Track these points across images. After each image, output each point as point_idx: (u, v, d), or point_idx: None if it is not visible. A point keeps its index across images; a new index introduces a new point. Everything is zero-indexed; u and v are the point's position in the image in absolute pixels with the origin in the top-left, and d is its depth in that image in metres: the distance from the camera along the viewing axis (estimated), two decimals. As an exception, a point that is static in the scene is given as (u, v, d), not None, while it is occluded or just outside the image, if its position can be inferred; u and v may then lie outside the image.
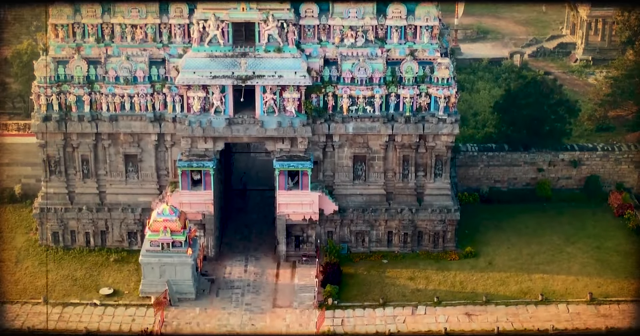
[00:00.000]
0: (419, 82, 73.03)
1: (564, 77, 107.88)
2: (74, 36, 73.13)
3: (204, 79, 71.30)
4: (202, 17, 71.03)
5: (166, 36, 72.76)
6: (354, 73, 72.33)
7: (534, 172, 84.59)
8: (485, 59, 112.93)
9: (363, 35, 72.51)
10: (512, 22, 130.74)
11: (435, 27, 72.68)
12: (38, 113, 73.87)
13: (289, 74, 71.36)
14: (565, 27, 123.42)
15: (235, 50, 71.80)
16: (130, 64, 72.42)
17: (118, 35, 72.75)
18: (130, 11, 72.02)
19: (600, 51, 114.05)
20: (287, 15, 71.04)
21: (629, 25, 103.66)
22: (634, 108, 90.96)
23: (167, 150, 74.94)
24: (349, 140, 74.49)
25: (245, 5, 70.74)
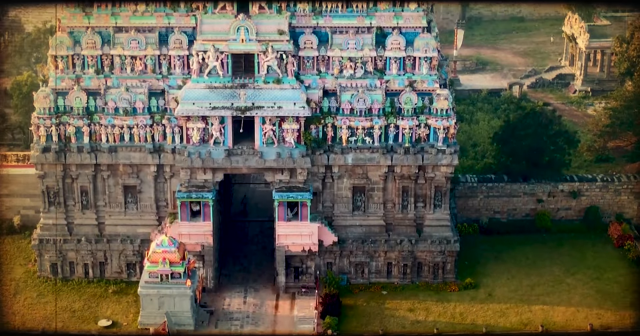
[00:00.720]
0: (418, 113, 73.11)
1: (563, 108, 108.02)
2: (73, 67, 73.30)
3: (203, 110, 71.38)
4: (201, 49, 71.22)
5: (166, 67, 72.95)
6: (353, 104, 72.44)
7: (533, 203, 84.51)
8: (485, 90, 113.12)
9: (362, 67, 72.69)
10: (511, 53, 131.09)
11: (434, 58, 72.87)
12: (37, 144, 73.91)
13: (288, 105, 71.45)
14: (564, 58, 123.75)
15: (235, 81, 71.94)
16: (130, 95, 72.55)
17: (118, 67, 72.93)
18: (130, 42, 72.22)
19: (599, 82, 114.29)
20: (286, 46, 71.24)
21: (628, 57, 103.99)
22: (633, 139, 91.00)
23: (167, 181, 74.90)
24: (348, 171, 74.47)
25: (244, 36, 70.93)
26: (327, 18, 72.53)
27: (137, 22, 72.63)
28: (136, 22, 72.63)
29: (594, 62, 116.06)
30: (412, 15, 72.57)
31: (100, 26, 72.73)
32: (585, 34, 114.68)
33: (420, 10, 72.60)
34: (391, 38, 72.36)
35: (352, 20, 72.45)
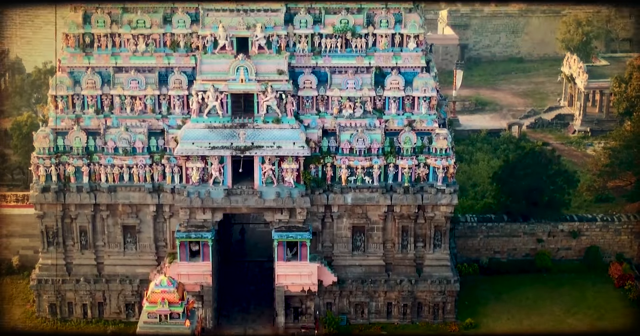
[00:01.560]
0: (417, 153, 73.16)
1: (562, 148, 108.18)
2: (73, 107, 73.47)
3: (202, 150, 71.44)
4: (201, 88, 71.43)
5: (165, 107, 73.12)
6: (353, 144, 72.51)
7: (533, 243, 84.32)
8: (484, 130, 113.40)
9: (361, 106, 72.86)
10: (510, 93, 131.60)
11: (433, 98, 73.06)
12: (37, 184, 73.88)
13: (288, 144, 71.52)
14: (562, 98, 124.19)
15: (234, 121, 72.07)
16: (129, 135, 72.64)
17: (117, 107, 73.10)
18: (130, 82, 72.46)
19: (598, 122, 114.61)
20: (285, 86, 71.46)
21: (626, 97, 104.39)
22: (632, 179, 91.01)
23: (166, 221, 74.80)
24: (347, 211, 74.37)
25: (244, 76, 71.18)
26: (326, 58, 72.82)
27: (137, 62, 72.92)
28: (136, 62, 72.92)
29: (592, 102, 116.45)
30: (411, 55, 72.87)
31: (100, 66, 73.02)
32: (584, 75, 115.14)
33: (419, 50, 72.93)
34: (390, 78, 72.61)
35: (351, 60, 72.75)
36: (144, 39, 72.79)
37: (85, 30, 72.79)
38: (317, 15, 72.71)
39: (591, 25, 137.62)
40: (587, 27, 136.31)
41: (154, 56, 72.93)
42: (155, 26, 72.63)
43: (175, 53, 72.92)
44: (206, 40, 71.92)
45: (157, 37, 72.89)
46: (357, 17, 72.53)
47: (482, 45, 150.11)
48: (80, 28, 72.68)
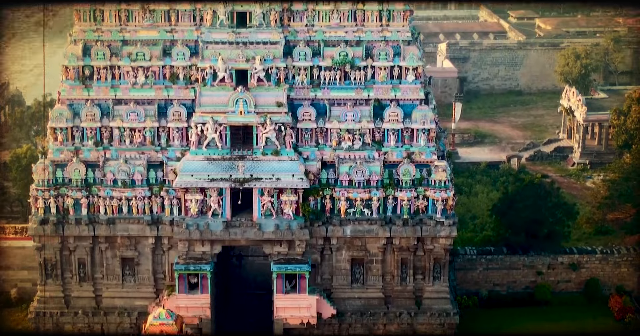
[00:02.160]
0: (416, 185, 73.14)
1: (561, 181, 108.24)
2: (72, 139, 73.54)
3: (201, 182, 71.42)
4: (200, 121, 71.53)
5: (164, 139, 73.19)
6: (352, 176, 72.50)
7: (533, 275, 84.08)
8: (483, 162, 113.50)
9: (360, 138, 72.92)
10: (509, 126, 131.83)
11: (432, 130, 73.14)
12: (35, 216, 73.81)
13: (287, 176, 71.52)
14: (562, 131, 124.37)
15: (233, 153, 72.11)
16: (129, 167, 72.65)
17: (116, 139, 73.17)
18: (129, 114, 72.57)
19: (597, 155, 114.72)
20: (284, 118, 71.57)
21: (625, 129, 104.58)
22: (632, 211, 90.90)
23: (165, 253, 74.65)
24: (346, 243, 74.25)
25: (243, 109, 71.31)
26: (325, 90, 73.01)
27: (136, 95, 73.08)
28: (135, 94, 73.09)
29: (591, 134, 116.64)
30: (410, 87, 73.06)
31: (100, 98, 73.18)
32: (583, 107, 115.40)
33: (417, 83, 73.12)
34: (389, 110, 72.73)
35: (350, 93, 72.93)
36: (143, 71, 72.99)
37: (85, 63, 73.00)
38: (316, 47, 72.98)
39: (589, 58, 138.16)
40: (585, 60, 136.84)
41: (154, 88, 73.12)
42: (154, 58, 72.87)
43: (174, 85, 73.11)
44: (205, 72, 72.11)
45: (157, 69, 73.10)
46: (356, 49, 72.80)
47: (481, 78, 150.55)
48: (79, 60, 72.90)
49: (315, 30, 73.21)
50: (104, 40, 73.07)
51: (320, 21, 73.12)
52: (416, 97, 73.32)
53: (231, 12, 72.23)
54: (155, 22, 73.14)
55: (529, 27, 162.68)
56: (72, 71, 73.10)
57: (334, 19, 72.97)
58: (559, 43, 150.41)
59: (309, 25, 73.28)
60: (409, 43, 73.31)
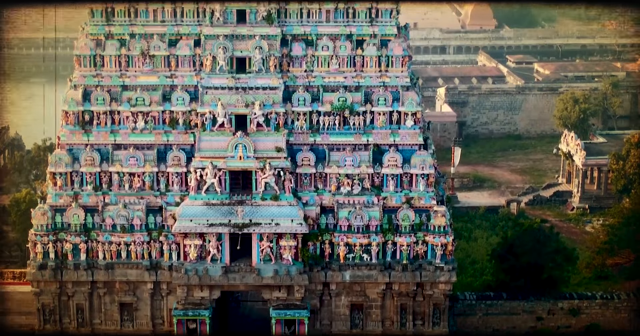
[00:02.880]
0: (415, 230, 73.07)
1: (561, 226, 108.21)
2: (72, 184, 73.55)
3: (200, 227, 71.37)
4: (199, 166, 71.62)
5: (164, 184, 73.21)
6: (351, 221, 72.45)
7: (533, 321, 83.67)
8: (482, 207, 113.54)
9: (359, 183, 72.96)
10: (508, 170, 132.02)
11: (431, 175, 73.20)
12: (34, 261, 73.62)
13: (286, 222, 71.47)
14: (561, 175, 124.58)
15: (232, 198, 72.12)
16: (128, 212, 72.61)
17: (116, 184, 73.20)
18: (129, 159, 72.65)
19: (597, 199, 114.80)
20: (283, 163, 71.66)
21: (624, 174, 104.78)
22: (631, 256, 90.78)
23: (163, 298, 74.39)
24: (346, 288, 74.02)
25: (242, 154, 71.43)
26: (324, 135, 73.16)
27: (136, 140, 73.22)
28: (135, 139, 73.22)
29: (591, 179, 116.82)
30: (409, 132, 73.24)
31: (99, 143, 73.29)
32: (582, 152, 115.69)
33: (416, 128, 73.31)
34: (388, 155, 72.84)
35: (349, 138, 73.09)
36: (143, 116, 73.18)
37: (85, 108, 73.20)
38: (315, 92, 73.24)
39: (588, 103, 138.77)
40: (584, 105, 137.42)
41: (153, 133, 73.27)
42: (154, 103, 73.10)
43: (174, 130, 73.27)
44: (205, 117, 72.31)
45: (156, 114, 73.30)
46: (355, 94, 73.07)
47: (479, 122, 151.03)
48: (79, 105, 73.11)
49: (315, 75, 73.52)
50: (104, 85, 73.35)
51: (320, 66, 73.45)
52: (415, 142, 73.46)
53: (230, 58, 72.60)
54: (155, 67, 73.47)
55: (528, 71, 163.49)
56: (72, 115, 73.28)
57: (333, 65, 73.31)
58: (558, 87, 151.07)
59: (308, 70, 73.61)
60: (407, 88, 73.61)
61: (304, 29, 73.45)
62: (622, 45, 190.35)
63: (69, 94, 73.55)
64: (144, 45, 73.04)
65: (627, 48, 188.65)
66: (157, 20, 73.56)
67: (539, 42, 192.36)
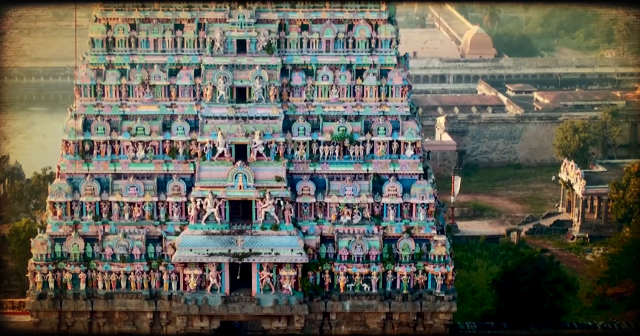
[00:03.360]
0: (415, 260, 72.93)
1: (561, 255, 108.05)
2: (71, 214, 73.49)
3: (200, 257, 71.27)
4: (199, 195, 71.60)
5: (163, 214, 73.15)
6: (351, 251, 72.35)
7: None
8: (482, 236, 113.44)
9: (359, 213, 72.91)
10: (508, 199, 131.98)
11: (431, 205, 73.17)
12: (33, 291, 73.43)
13: (286, 251, 71.38)
14: (561, 204, 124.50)
15: (232, 227, 72.06)
16: (127, 241, 72.53)
17: (116, 213, 73.15)
18: (129, 189, 72.65)
19: (597, 228, 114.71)
20: (283, 193, 71.65)
21: (624, 203, 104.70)
22: (632, 286, 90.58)
23: (163, 328, 74.13)
24: (346, 318, 73.79)
25: (242, 183, 71.44)
26: (324, 165, 73.19)
27: (136, 169, 73.24)
28: (135, 169, 73.24)
29: (591, 208, 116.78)
30: (409, 162, 73.27)
31: (99, 173, 73.30)
32: (582, 181, 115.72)
33: (416, 157, 73.36)
34: (388, 185, 72.83)
35: (349, 167, 73.11)
36: (143, 145, 73.25)
37: (85, 137, 73.26)
38: (315, 122, 73.33)
39: (588, 132, 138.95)
40: (583, 134, 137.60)
41: (153, 162, 73.30)
42: (154, 133, 73.17)
43: (174, 160, 73.30)
44: (205, 147, 72.37)
45: (157, 144, 73.36)
46: (355, 124, 73.16)
47: (479, 151, 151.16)
48: (79, 135, 73.18)
49: (315, 105, 73.65)
50: (104, 115, 73.44)
51: (320, 96, 73.59)
52: (415, 171, 73.48)
53: (231, 87, 72.77)
54: (156, 97, 73.61)
55: (527, 100, 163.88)
56: (72, 145, 73.34)
57: (333, 94, 73.45)
58: (557, 116, 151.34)
59: (308, 100, 73.75)
60: (407, 118, 73.72)
61: (304, 59, 73.69)
62: (622, 74, 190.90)
63: (69, 123, 73.64)
64: (145, 75, 73.24)
65: (626, 77, 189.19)
66: (157, 50, 73.80)
67: (538, 71, 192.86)
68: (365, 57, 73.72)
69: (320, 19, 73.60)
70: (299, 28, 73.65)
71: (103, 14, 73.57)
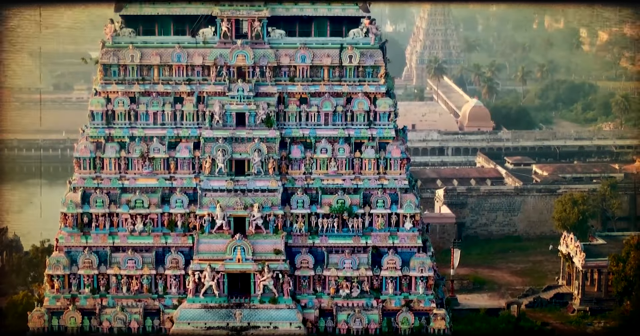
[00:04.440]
0: (415, 333, 72.39)
1: (562, 328, 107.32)
2: (69, 287, 73.11)
3: (198, 331, 70.74)
4: (197, 268, 71.32)
5: (162, 287, 72.76)
6: (350, 324, 71.88)
7: None
8: (482, 309, 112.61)
9: (358, 286, 72.56)
10: (508, 272, 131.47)
11: (430, 278, 72.87)
12: (29, 366, 72.87)
13: (284, 325, 70.91)
14: (561, 277, 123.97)
15: (231, 301, 71.65)
16: (125, 315, 72.05)
17: (113, 286, 72.78)
18: (127, 262, 72.39)
19: (597, 301, 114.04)
20: (282, 266, 71.38)
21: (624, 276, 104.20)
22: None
23: None
24: (345, 394, 73.11)
25: (240, 256, 71.23)
26: (323, 238, 73.04)
27: (134, 242, 73.07)
28: (133, 241, 73.07)
29: (591, 281, 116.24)
30: (408, 235, 73.13)
31: (98, 246, 73.10)
32: (582, 254, 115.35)
33: (415, 230, 73.24)
34: (387, 258, 72.62)
35: (348, 240, 72.96)
36: (141, 218, 73.16)
37: (84, 210, 73.19)
38: (313, 195, 73.34)
39: (587, 204, 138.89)
40: (582, 206, 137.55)
41: (152, 235, 73.15)
42: (153, 206, 73.12)
43: (172, 233, 73.17)
44: (203, 220, 72.31)
45: (155, 216, 73.28)
46: (354, 197, 73.15)
47: (479, 223, 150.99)
48: (78, 208, 73.10)
49: (313, 177, 73.73)
50: (103, 187, 73.44)
51: (318, 169, 73.71)
52: (414, 244, 73.32)
53: (229, 160, 72.90)
54: (155, 169, 73.68)
55: (526, 172, 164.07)
56: (71, 218, 73.23)
57: (331, 167, 73.57)
58: (556, 189, 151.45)
59: (306, 172, 73.84)
60: (406, 191, 73.72)
61: (303, 132, 73.95)
62: (620, 146, 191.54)
63: (68, 196, 73.61)
64: (144, 147, 73.45)
65: (624, 149, 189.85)
66: (157, 123, 74.09)
67: (536, 144, 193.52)
68: (364, 130, 74.00)
69: (318, 92, 74.06)
70: (298, 101, 74.07)
71: (103, 88, 74.04)
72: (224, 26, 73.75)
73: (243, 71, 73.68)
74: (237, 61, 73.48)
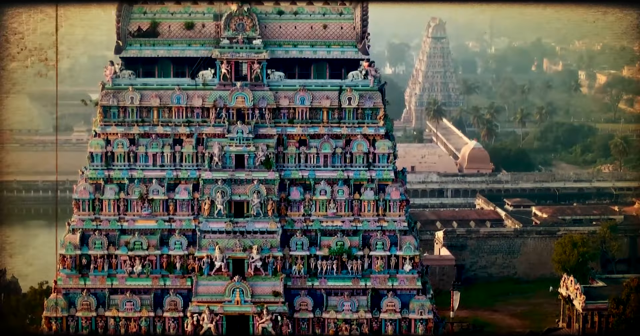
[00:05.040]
0: (415, 377, 72.17)
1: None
2: (67, 329, 72.78)
3: (196, 373, 70.42)
4: (196, 310, 71.06)
5: (160, 329, 72.34)
6: (349, 367, 71.66)
7: None
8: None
9: (357, 329, 72.27)
10: (508, 315, 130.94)
11: (430, 320, 72.62)
12: None
13: (283, 367, 70.59)
14: (561, 320, 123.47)
15: (229, 343, 71.45)
16: (123, 357, 71.82)
17: (112, 329, 72.46)
18: (125, 304, 72.13)
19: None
20: (281, 308, 71.14)
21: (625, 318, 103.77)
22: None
23: None
24: None
25: (239, 298, 70.99)
26: (322, 280, 72.84)
27: (133, 284, 72.84)
28: (132, 283, 72.85)
29: (591, 323, 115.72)
30: (407, 277, 72.95)
31: (96, 288, 72.88)
32: (582, 296, 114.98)
33: (415, 272, 73.05)
34: (386, 300, 72.39)
35: (347, 282, 72.75)
36: (140, 260, 73.00)
37: (83, 252, 73.05)
38: (313, 237, 73.22)
39: (587, 246, 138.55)
40: (582, 248, 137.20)
41: (150, 277, 72.95)
42: (152, 248, 73.00)
43: (171, 275, 72.96)
44: (202, 261, 72.15)
45: (154, 258, 73.13)
46: (353, 239, 73.03)
47: (478, 265, 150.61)
48: (77, 249, 72.97)
49: (312, 219, 73.64)
50: (102, 229, 73.36)
51: (317, 211, 73.64)
52: (413, 286, 73.10)
53: (229, 202, 72.86)
54: (154, 211, 73.62)
55: (526, 214, 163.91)
56: (69, 259, 73.07)
57: (330, 209, 73.50)
58: (556, 231, 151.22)
59: (306, 214, 73.76)
60: (405, 233, 73.64)
61: (302, 174, 73.99)
62: (619, 188, 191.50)
63: (67, 238, 73.51)
64: (143, 189, 73.43)
65: (624, 191, 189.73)
66: (156, 165, 74.13)
67: (536, 186, 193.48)
68: (363, 172, 74.05)
69: (318, 134, 74.16)
70: (297, 143, 74.15)
71: (103, 129, 74.18)
72: (223, 68, 74.07)
73: (242, 112, 73.89)
74: (237, 102, 73.70)
